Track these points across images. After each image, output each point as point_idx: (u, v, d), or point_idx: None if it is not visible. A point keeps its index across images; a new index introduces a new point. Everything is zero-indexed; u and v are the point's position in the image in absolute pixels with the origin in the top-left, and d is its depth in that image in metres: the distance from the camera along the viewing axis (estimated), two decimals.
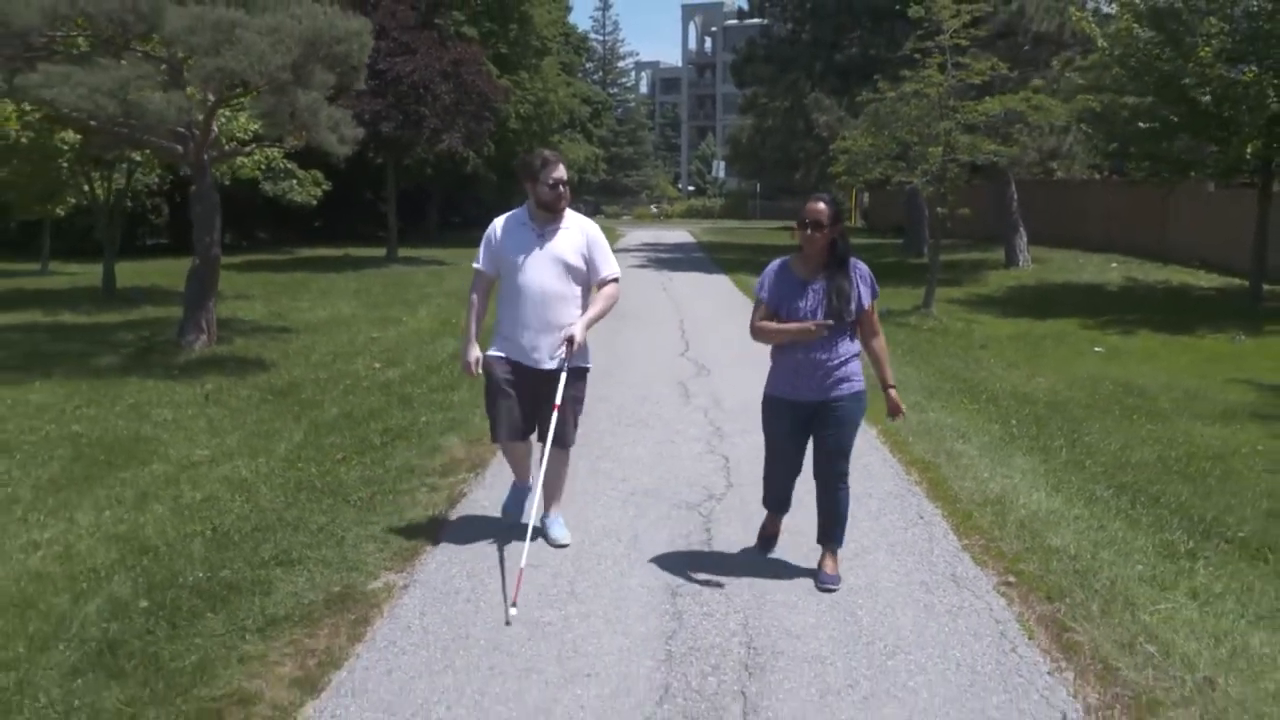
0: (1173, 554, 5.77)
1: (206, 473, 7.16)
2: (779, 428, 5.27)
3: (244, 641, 4.45)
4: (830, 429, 5.13)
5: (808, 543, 5.50)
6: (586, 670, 4.26)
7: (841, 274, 5.06)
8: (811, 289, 5.07)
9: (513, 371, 5.49)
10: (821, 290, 5.05)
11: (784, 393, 5.18)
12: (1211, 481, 7.43)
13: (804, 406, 5.13)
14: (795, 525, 5.70)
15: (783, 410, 5.21)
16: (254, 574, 5.20)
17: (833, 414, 5.11)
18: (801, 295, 5.08)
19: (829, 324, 4.95)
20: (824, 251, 5.05)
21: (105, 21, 10.34)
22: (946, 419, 9.16)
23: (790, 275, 5.16)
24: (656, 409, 9.22)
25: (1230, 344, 14.64)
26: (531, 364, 5.48)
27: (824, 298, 5.03)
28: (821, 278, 5.07)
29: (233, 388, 10.11)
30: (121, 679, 4.11)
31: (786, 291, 5.12)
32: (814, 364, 5.05)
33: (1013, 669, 4.32)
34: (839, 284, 5.04)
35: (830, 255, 5.06)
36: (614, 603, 4.94)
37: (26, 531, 5.95)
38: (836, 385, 5.08)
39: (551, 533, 5.75)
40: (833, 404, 5.10)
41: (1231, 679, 4.27)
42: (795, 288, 5.11)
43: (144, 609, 4.76)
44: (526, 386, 5.51)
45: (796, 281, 5.12)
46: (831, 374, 5.06)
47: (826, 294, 5.03)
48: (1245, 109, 16.80)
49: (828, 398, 5.09)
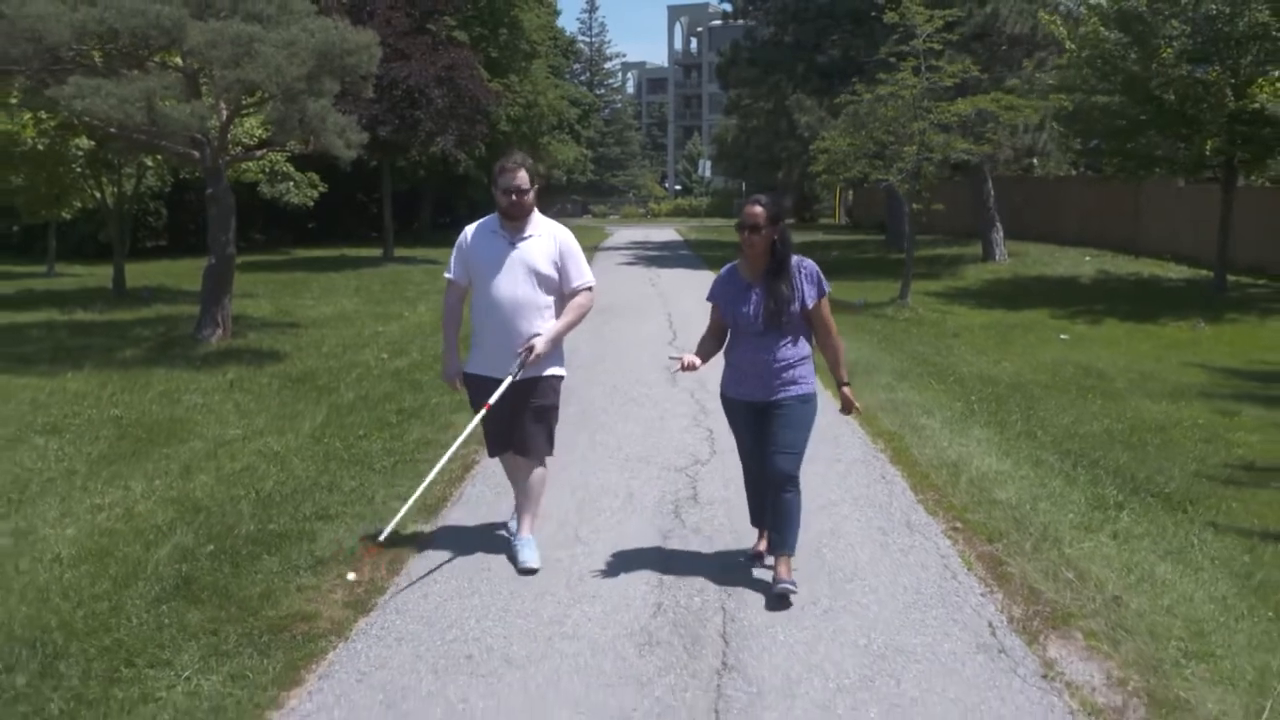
0: (1102, 505, 6.56)
1: (241, 448, 7.93)
2: (737, 423, 5.31)
3: (298, 576, 5.23)
4: (776, 428, 5.07)
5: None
6: (592, 593, 5.06)
7: (780, 277, 5.02)
8: (755, 292, 5.05)
9: (491, 388, 5.32)
10: (762, 292, 5.04)
11: (733, 393, 5.21)
12: (1150, 449, 8.22)
13: (752, 405, 5.15)
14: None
15: (735, 408, 5.25)
16: (299, 526, 5.99)
17: (778, 415, 5.07)
18: (745, 300, 5.06)
19: (683, 360, 5.07)
20: (765, 254, 5.03)
21: (130, 37, 11.08)
22: (914, 398, 9.95)
23: (737, 279, 5.15)
24: (647, 391, 10.01)
25: (1191, 331, 15.45)
26: (506, 376, 5.32)
27: (762, 299, 5.02)
28: (763, 280, 5.07)
29: (253, 376, 10.87)
30: (199, 604, 4.88)
31: (732, 295, 5.12)
32: (758, 365, 5.06)
33: (951, 591, 5.12)
34: (776, 288, 5.00)
35: (771, 258, 5.04)
36: (613, 544, 5.75)
37: (88, 497, 6.69)
38: (783, 387, 5.06)
39: (520, 555, 5.43)
40: (778, 405, 5.07)
41: (1135, 597, 5.07)
42: (740, 291, 5.10)
43: (209, 553, 5.54)
44: (505, 399, 5.31)
45: (742, 284, 5.11)
46: (778, 375, 5.05)
47: (765, 296, 5.02)
48: (1206, 108, 17.66)
49: (771, 399, 5.07)
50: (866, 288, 20.25)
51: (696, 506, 6.43)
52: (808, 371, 5.15)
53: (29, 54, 11.01)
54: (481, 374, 5.44)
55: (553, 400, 5.55)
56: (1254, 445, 8.49)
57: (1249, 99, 16.95)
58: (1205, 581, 5.30)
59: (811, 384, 5.16)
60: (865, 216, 46.51)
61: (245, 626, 4.64)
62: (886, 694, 4.09)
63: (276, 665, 4.27)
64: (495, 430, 5.52)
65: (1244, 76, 17.33)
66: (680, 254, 32.76)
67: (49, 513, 6.36)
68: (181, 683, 4.12)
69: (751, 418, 5.19)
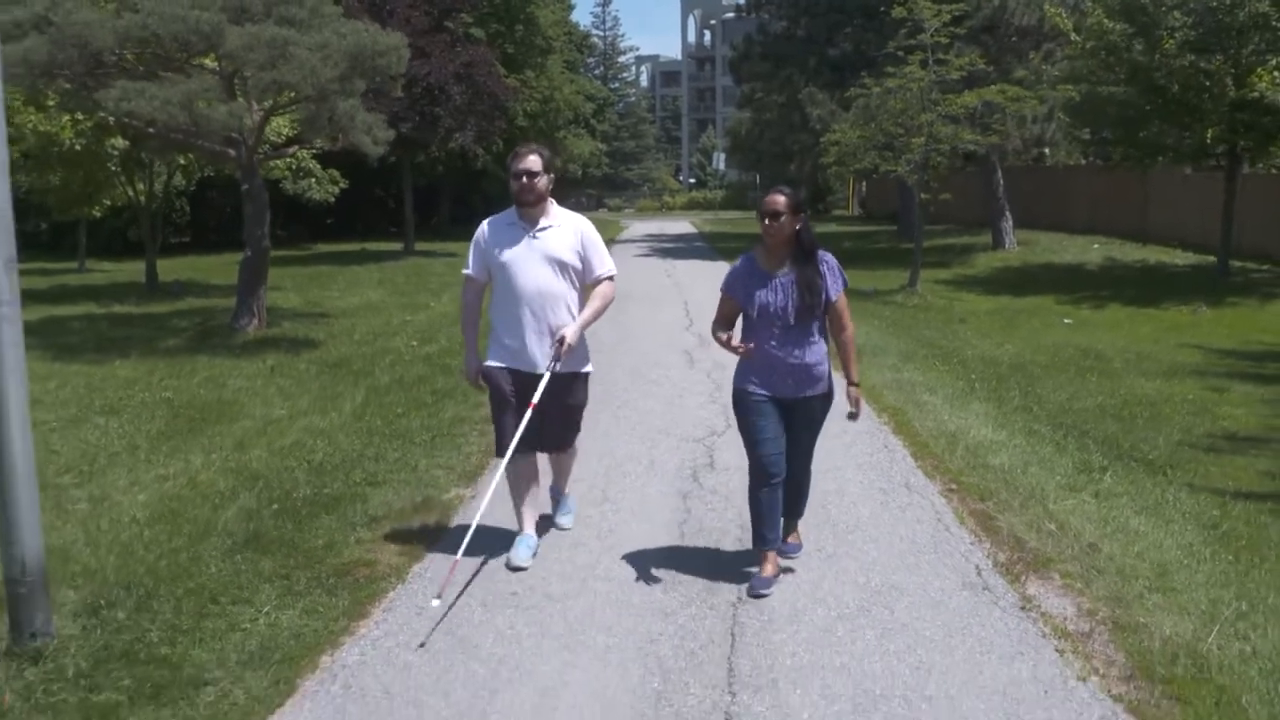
0: (1088, 469, 7.11)
1: (288, 425, 8.53)
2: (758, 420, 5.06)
3: (356, 532, 5.83)
4: (800, 428, 5.12)
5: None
6: (620, 543, 5.65)
7: (809, 266, 4.99)
8: (777, 282, 4.99)
9: (513, 381, 5.32)
10: (789, 283, 4.96)
11: (761, 388, 5.05)
12: (1139, 421, 8.75)
13: (777, 401, 5.06)
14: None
15: (762, 405, 5.05)
16: (351, 490, 6.59)
17: (805, 414, 5.11)
18: (768, 289, 4.98)
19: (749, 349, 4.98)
20: (788, 243, 4.99)
21: (171, 41, 11.68)
22: (919, 377, 10.49)
23: (756, 269, 5.07)
24: (666, 372, 10.58)
25: (1191, 315, 15.92)
26: (530, 369, 5.30)
27: (791, 291, 4.95)
28: (788, 270, 5.00)
29: (291, 362, 11.47)
30: (269, 554, 5.47)
31: (752, 285, 5.03)
32: (791, 361, 4.99)
33: (943, 540, 5.68)
34: (808, 277, 4.96)
35: (796, 247, 5.01)
36: (638, 502, 6.34)
37: (153, 468, 7.29)
38: (812, 384, 5.05)
39: (556, 516, 5.88)
40: (804, 404, 5.08)
41: (1110, 544, 5.62)
42: (760, 281, 5.02)
43: (273, 512, 6.13)
44: (526, 395, 5.25)
45: (762, 275, 5.04)
46: (806, 372, 5.02)
47: (795, 287, 4.95)
48: (1208, 97, 18.11)
49: (799, 396, 5.05)
50: (878, 276, 20.76)
51: (713, 472, 6.99)
52: (829, 368, 5.14)
53: (74, 59, 11.63)
54: (504, 366, 5.35)
55: (582, 399, 5.57)
56: (1239, 418, 9.01)
57: (1249, 88, 17.39)
58: (1175, 532, 5.84)
59: (832, 381, 5.16)
60: (878, 208, 46.89)
61: (313, 572, 5.22)
62: (880, 620, 4.66)
63: (344, 602, 4.85)
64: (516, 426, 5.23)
65: (1244, 66, 17.76)
66: (695, 246, 33.28)
67: (119, 481, 6.96)
68: (262, 616, 4.71)
69: (778, 413, 5.06)
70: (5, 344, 4.27)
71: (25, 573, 4.35)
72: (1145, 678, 4.14)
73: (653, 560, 5.41)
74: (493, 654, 4.36)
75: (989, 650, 4.37)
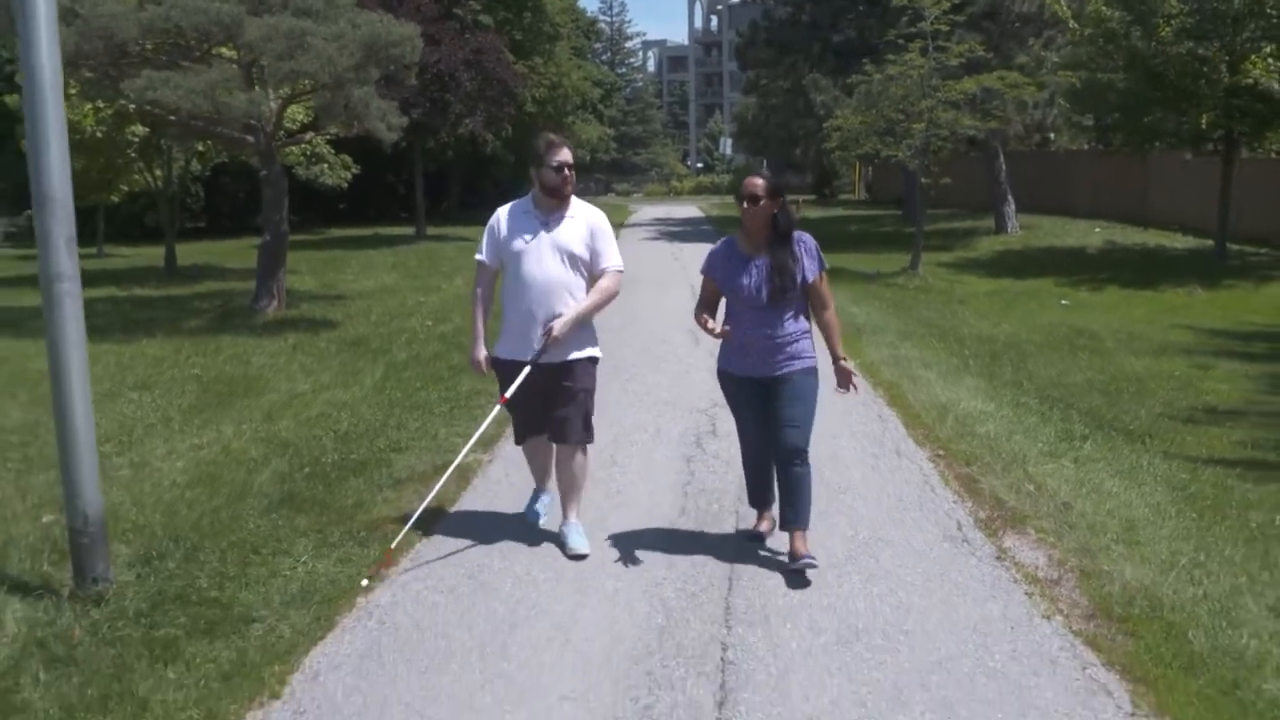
0: (1069, 438, 7.54)
1: (313, 398, 8.98)
2: (739, 399, 5.32)
3: (382, 492, 6.29)
4: (782, 404, 5.10)
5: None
6: (628, 502, 6.11)
7: (784, 249, 5.07)
8: (755, 265, 5.07)
9: (517, 372, 5.29)
10: (764, 266, 5.05)
11: (734, 368, 5.23)
12: (1124, 396, 9.17)
13: (754, 381, 5.16)
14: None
15: (739, 384, 5.25)
16: (376, 456, 7.04)
17: (784, 389, 5.10)
18: (744, 271, 5.08)
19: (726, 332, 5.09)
20: (766, 226, 5.07)
21: (193, 32, 12.11)
22: (915, 354, 10.91)
23: (735, 252, 5.18)
24: (672, 349, 11.02)
25: (1186, 297, 16.31)
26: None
27: (766, 274, 5.04)
28: (764, 254, 5.08)
29: (311, 341, 11.92)
30: (304, 512, 5.92)
31: (731, 268, 5.14)
32: (761, 340, 5.06)
33: (928, 499, 6.12)
34: (781, 260, 5.04)
35: (773, 231, 5.09)
36: (645, 465, 6.81)
37: (187, 438, 7.74)
38: (787, 361, 5.09)
39: (570, 541, 5.40)
40: (784, 380, 5.10)
41: (1083, 503, 6.05)
42: (739, 264, 5.12)
43: (304, 476, 6.59)
44: (537, 383, 5.28)
45: (741, 258, 5.14)
46: (780, 350, 5.07)
47: (769, 270, 5.04)
48: (1204, 83, 18.47)
49: (776, 374, 5.10)
50: (881, 259, 21.18)
51: (715, 439, 7.44)
52: (809, 345, 5.17)
53: (99, 50, 12.05)
54: (508, 358, 5.36)
55: (587, 384, 5.43)
56: (1221, 392, 9.44)
57: (1244, 74, 17.75)
58: (1145, 493, 6.27)
59: (814, 358, 5.18)
60: (884, 192, 47.24)
61: (345, 527, 5.67)
62: (866, 567, 5.10)
63: (374, 552, 5.29)
64: (524, 414, 5.47)
65: (1239, 53, 18.11)
66: (702, 229, 33.67)
67: (156, 450, 7.40)
68: (301, 565, 5.15)
69: (754, 394, 5.19)
70: (67, 317, 4.72)
71: (88, 524, 4.79)
72: (1104, 616, 4.57)
73: (658, 516, 5.86)
74: (511, 595, 4.80)
75: (964, 593, 4.81)
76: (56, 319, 4.68)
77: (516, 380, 5.23)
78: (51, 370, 4.73)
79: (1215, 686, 3.94)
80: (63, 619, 4.52)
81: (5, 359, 10.97)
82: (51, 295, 4.68)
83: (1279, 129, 20.34)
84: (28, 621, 4.50)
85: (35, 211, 4.69)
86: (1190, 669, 4.08)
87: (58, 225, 4.68)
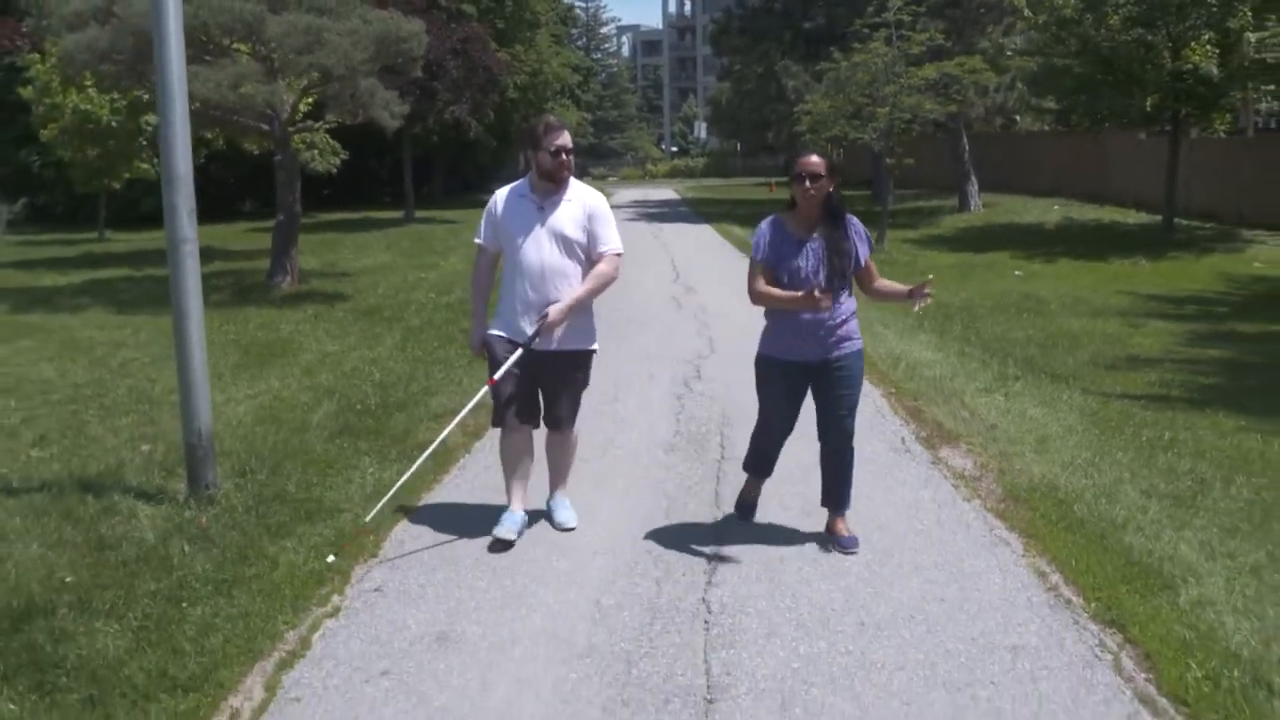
0: (1004, 379, 8.82)
1: (344, 357, 10.16)
2: (776, 389, 5.20)
3: (424, 423, 7.50)
4: (838, 389, 5.09)
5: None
6: (629, 427, 7.36)
7: (839, 231, 4.96)
8: (810, 247, 4.94)
9: (512, 352, 5.24)
10: (820, 249, 4.93)
11: (782, 353, 5.07)
12: (1059, 349, 10.43)
13: (803, 366, 5.05)
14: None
15: (779, 371, 5.11)
16: (412, 398, 8.27)
17: (838, 373, 5.05)
18: (800, 254, 4.94)
19: (830, 294, 4.83)
20: (821, 207, 4.93)
21: (217, 29, 13.21)
22: (875, 315, 12.14)
23: (786, 234, 5.00)
24: (658, 314, 12.27)
25: (1132, 267, 17.62)
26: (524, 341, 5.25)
27: (824, 256, 4.91)
28: (818, 235, 4.95)
29: (329, 311, 13.09)
30: (361, 438, 7.13)
31: (785, 251, 4.96)
32: (818, 323, 4.92)
33: (879, 424, 7.39)
34: (839, 243, 4.94)
35: (825, 211, 4.96)
36: (641, 401, 8.08)
37: (240, 389, 8.91)
38: (840, 344, 5.01)
39: (557, 516, 5.58)
40: (836, 363, 5.03)
41: (1007, 425, 7.32)
42: (793, 247, 4.95)
43: (355, 412, 7.80)
44: (528, 368, 5.27)
45: (794, 240, 4.97)
46: (834, 332, 4.98)
47: (827, 253, 4.91)
48: (1150, 68, 19.80)
49: (830, 356, 5.01)
50: None
51: (701, 381, 8.71)
52: (857, 327, 5.14)
53: (128, 46, 13.15)
54: (503, 335, 5.34)
55: (585, 377, 5.51)
56: (1145, 345, 10.71)
57: (1184, 59, 19.09)
58: (1061, 417, 7.56)
59: (861, 340, 5.19)
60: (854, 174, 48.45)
61: (399, 448, 6.89)
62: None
63: (428, 465, 6.48)
64: (510, 397, 5.33)
65: (1181, 40, 19.43)
66: (679, 210, 34.94)
67: (217, 399, 8.43)
68: (368, 475, 6.36)
69: (800, 378, 5.11)
70: (188, 272, 5.89)
71: (201, 439, 5.98)
72: (1012, 499, 5.84)
73: (656, 436, 7.10)
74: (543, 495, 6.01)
75: (903, 485, 6.08)
76: (181, 274, 5.84)
77: (506, 363, 5.21)
78: (174, 314, 5.90)
79: (1087, 538, 5.21)
80: (188, 514, 5.70)
81: (53, 330, 12.07)
82: (178, 255, 5.83)
83: (1222, 111, 21.81)
84: (160, 516, 5.68)
85: (164, 188, 5.83)
86: (1071, 528, 5.35)
87: (182, 199, 5.82)
